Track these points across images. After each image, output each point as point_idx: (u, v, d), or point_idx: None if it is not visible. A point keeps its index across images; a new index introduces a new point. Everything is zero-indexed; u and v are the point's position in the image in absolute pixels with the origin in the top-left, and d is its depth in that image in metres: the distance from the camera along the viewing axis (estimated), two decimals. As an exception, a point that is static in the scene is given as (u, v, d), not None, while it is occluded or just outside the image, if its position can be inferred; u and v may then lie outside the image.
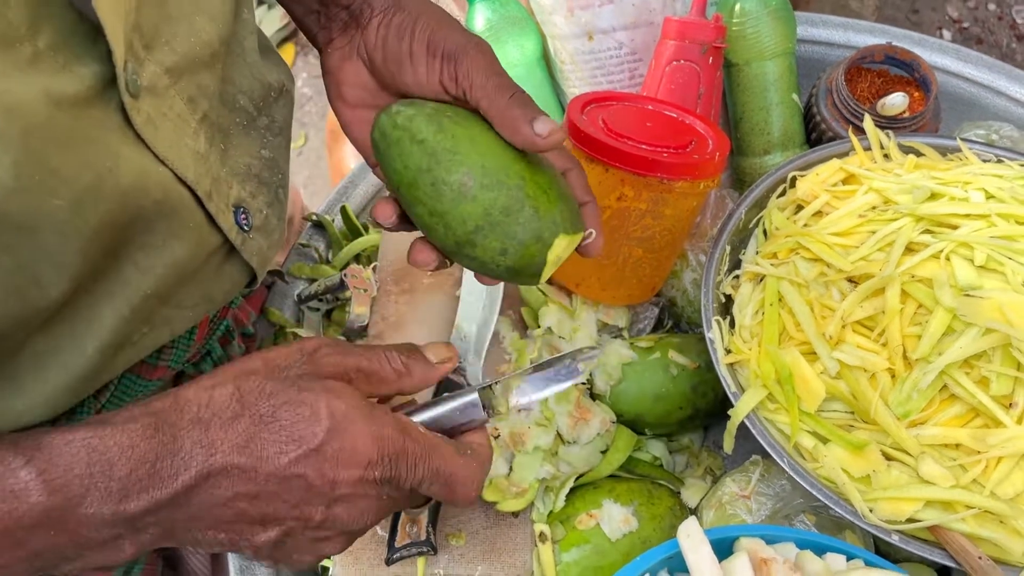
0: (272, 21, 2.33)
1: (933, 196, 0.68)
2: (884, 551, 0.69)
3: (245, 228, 0.59)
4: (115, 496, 0.40)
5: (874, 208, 0.70)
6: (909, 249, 0.65)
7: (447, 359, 0.54)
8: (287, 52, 2.45)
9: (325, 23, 0.58)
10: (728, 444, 0.67)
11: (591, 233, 0.54)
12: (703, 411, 0.77)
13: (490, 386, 0.54)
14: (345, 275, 0.81)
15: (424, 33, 0.53)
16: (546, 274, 0.52)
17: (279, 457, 0.43)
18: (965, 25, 2.35)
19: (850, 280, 0.67)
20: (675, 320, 0.84)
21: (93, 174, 0.43)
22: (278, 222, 0.64)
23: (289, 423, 0.43)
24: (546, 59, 0.92)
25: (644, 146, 0.69)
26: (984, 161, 0.75)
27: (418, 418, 0.52)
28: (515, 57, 0.88)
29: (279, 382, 0.45)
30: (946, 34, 2.34)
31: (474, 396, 0.53)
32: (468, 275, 0.80)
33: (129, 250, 0.49)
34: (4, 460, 0.40)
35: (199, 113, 0.53)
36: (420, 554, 0.67)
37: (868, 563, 0.57)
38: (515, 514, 0.71)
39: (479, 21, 0.89)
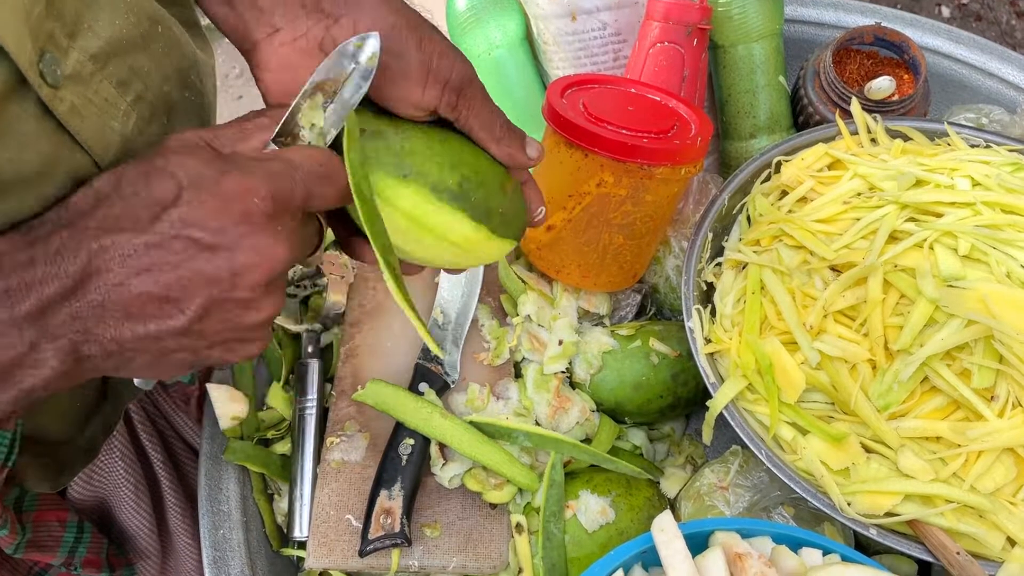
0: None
1: (919, 183, 0.67)
2: (863, 544, 0.68)
3: None
4: (3, 301, 0.40)
5: (859, 194, 0.69)
6: (893, 237, 0.64)
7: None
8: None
9: (268, 13, 0.52)
10: (707, 435, 0.66)
11: (541, 210, 0.58)
12: (684, 400, 0.76)
13: (287, 123, 0.48)
14: (322, 262, 0.80)
15: (427, 56, 0.51)
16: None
17: (147, 223, 0.41)
18: (964, 1, 2.32)
19: (833, 269, 0.66)
20: (657, 307, 0.83)
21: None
22: None
23: (146, 188, 0.42)
24: (529, 40, 0.90)
25: (624, 131, 0.68)
26: (972, 146, 0.74)
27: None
28: (497, 38, 0.87)
29: (127, 166, 0.44)
30: (945, 11, 2.31)
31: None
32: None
33: None
34: None
35: (131, 95, 0.52)
36: (394, 546, 0.66)
37: (845, 558, 0.57)
38: (492, 505, 0.70)
39: (461, 1, 0.87)
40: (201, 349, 0.45)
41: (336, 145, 0.48)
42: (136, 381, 0.59)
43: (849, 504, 0.59)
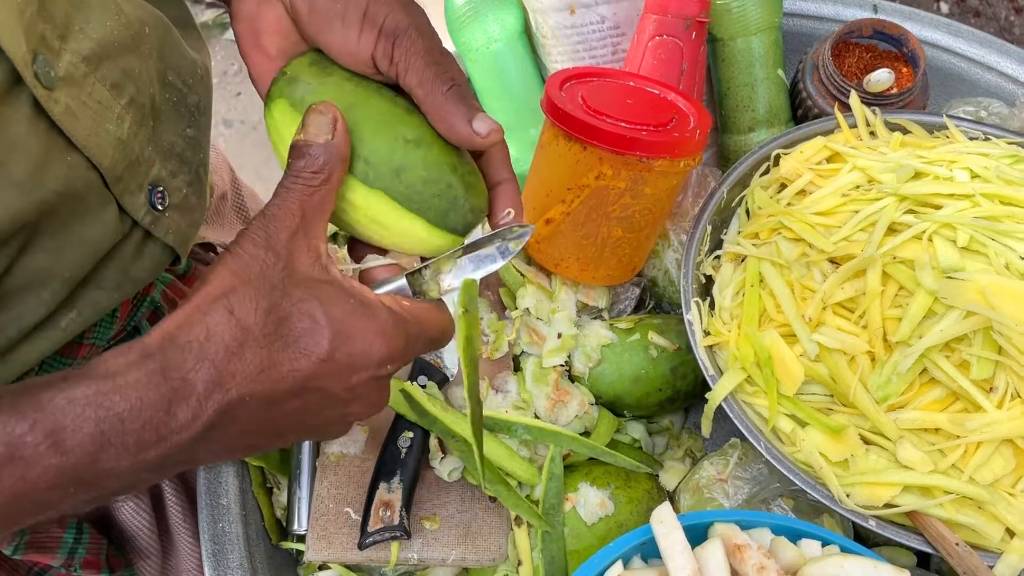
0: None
1: (917, 175, 0.67)
2: (862, 536, 0.68)
3: (159, 207, 0.58)
4: (131, 449, 0.39)
5: (858, 187, 0.69)
6: (892, 230, 0.64)
7: (333, 121, 0.48)
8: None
9: None
10: (706, 428, 0.66)
11: (509, 212, 0.54)
12: (683, 393, 0.76)
13: (419, 270, 0.51)
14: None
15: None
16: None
17: (293, 375, 0.42)
18: (963, -2, 2.32)
19: (832, 261, 0.66)
20: (656, 300, 0.83)
21: None
22: (198, 200, 0.64)
23: (294, 339, 0.42)
24: (528, 34, 0.90)
25: (623, 124, 0.68)
26: (971, 139, 0.74)
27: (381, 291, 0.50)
28: (496, 32, 0.87)
29: (268, 296, 0.43)
30: (944, 7, 2.31)
31: (403, 282, 0.50)
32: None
33: (36, 236, 0.49)
34: (5, 424, 0.38)
35: (125, 97, 0.52)
36: (393, 539, 0.66)
37: (844, 549, 0.57)
38: (491, 498, 0.70)
39: (459, -6, 0.87)
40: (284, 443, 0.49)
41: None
42: None
43: (848, 495, 0.59)
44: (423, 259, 0.52)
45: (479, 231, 0.52)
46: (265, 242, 0.44)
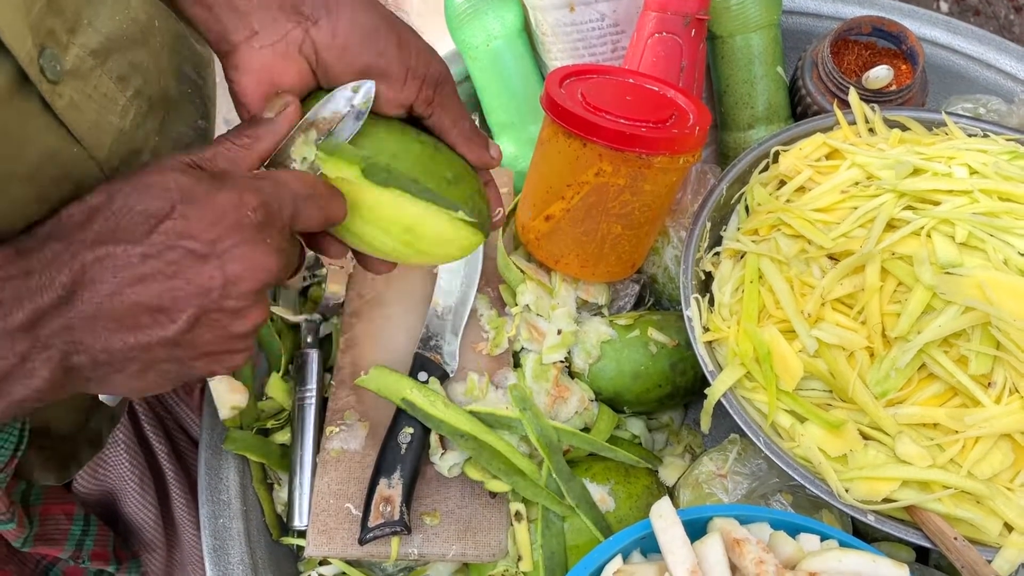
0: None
1: (916, 171, 0.67)
2: (861, 531, 0.68)
3: None
4: None
5: (857, 184, 0.69)
6: (890, 226, 0.64)
7: (284, 105, 0.50)
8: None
9: (246, 15, 0.52)
10: (705, 423, 0.67)
11: (499, 212, 0.60)
12: (683, 389, 0.77)
13: (273, 156, 0.51)
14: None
15: (407, 55, 0.52)
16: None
17: (143, 235, 0.42)
18: (963, -3, 2.32)
19: (831, 257, 0.66)
20: (656, 297, 0.84)
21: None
22: None
23: (141, 203, 0.43)
24: (527, 31, 0.90)
25: (623, 120, 0.68)
26: (970, 135, 0.74)
27: None
28: (496, 29, 0.87)
29: (121, 182, 0.44)
30: (943, 5, 2.31)
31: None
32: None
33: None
34: None
35: (131, 90, 0.53)
36: (394, 534, 0.67)
37: (842, 543, 0.57)
38: (492, 494, 0.71)
39: (459, -8, 0.87)
40: (187, 360, 0.45)
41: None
42: (102, 397, 0.60)
43: (847, 490, 0.60)
44: None
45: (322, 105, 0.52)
46: (169, 160, 0.46)
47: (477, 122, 0.89)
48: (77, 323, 0.42)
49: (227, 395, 0.74)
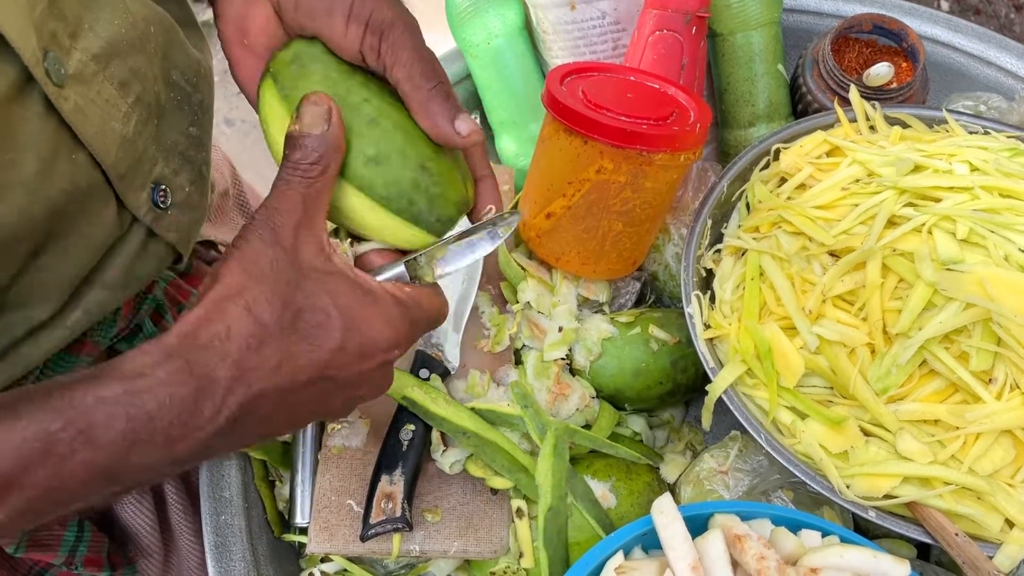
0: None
1: (917, 168, 0.67)
2: (863, 527, 0.69)
3: (162, 206, 0.59)
4: (160, 444, 0.41)
5: (858, 181, 0.69)
6: (891, 222, 0.64)
7: (327, 113, 0.48)
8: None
9: None
10: (706, 420, 0.67)
11: (490, 209, 0.57)
12: (684, 386, 0.77)
13: (415, 258, 0.53)
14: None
15: None
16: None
17: (309, 367, 0.44)
18: (963, -4, 2.32)
19: (832, 254, 0.66)
20: (657, 295, 0.84)
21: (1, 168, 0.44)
22: (200, 198, 0.65)
23: (309, 331, 0.44)
24: (528, 30, 0.90)
25: (624, 118, 0.68)
26: (971, 133, 0.74)
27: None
28: (497, 27, 0.87)
29: (281, 291, 0.44)
30: (944, 4, 2.31)
31: (401, 269, 0.52)
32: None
33: (44, 237, 0.50)
34: (40, 421, 0.39)
35: (131, 96, 0.53)
36: (395, 530, 0.67)
37: (843, 539, 0.57)
38: (493, 490, 0.71)
39: (460, -10, 0.87)
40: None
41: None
42: None
43: (848, 487, 0.60)
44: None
45: (464, 221, 0.55)
46: (271, 237, 0.45)
47: (478, 120, 0.89)
48: (223, 445, 0.44)
49: (229, 393, 0.74)
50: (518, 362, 0.76)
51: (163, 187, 0.59)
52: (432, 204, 0.52)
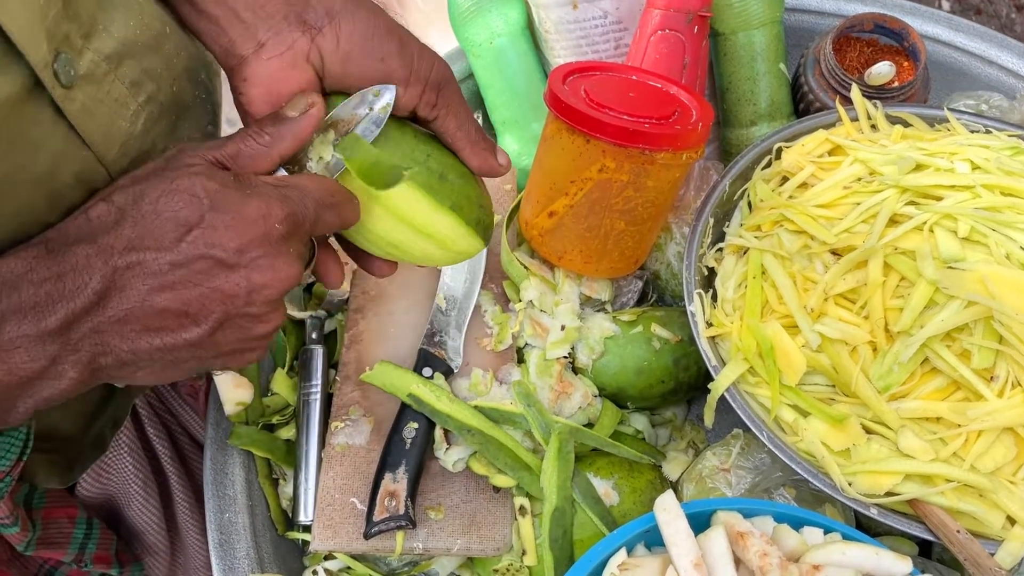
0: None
1: (918, 167, 0.67)
2: (864, 525, 0.69)
3: None
4: (30, 315, 0.42)
5: (859, 179, 0.69)
6: (893, 221, 0.65)
7: (309, 105, 0.51)
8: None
9: (252, 28, 0.53)
10: (708, 418, 0.67)
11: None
12: (686, 385, 0.77)
13: (294, 156, 0.52)
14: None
15: (406, 55, 0.53)
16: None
17: (172, 243, 0.44)
18: (964, -5, 2.32)
19: (834, 253, 0.66)
20: (659, 293, 0.84)
21: (9, 167, 0.44)
22: None
23: (170, 211, 0.44)
24: (531, 29, 0.90)
25: (626, 117, 0.68)
26: (972, 131, 0.74)
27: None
28: (499, 27, 0.87)
29: (144, 181, 0.45)
30: (945, 4, 2.31)
31: (281, 171, 0.51)
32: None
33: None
34: None
35: (143, 95, 0.53)
36: (399, 528, 0.67)
37: (845, 537, 0.57)
38: (496, 488, 0.71)
39: (462, -11, 0.87)
40: (208, 358, 0.47)
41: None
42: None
43: (850, 484, 0.60)
44: None
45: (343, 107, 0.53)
46: (173, 152, 0.47)
47: (480, 120, 0.89)
48: (106, 327, 0.43)
49: (232, 391, 0.74)
50: (521, 360, 0.77)
51: None
52: (487, 229, 0.59)
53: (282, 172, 0.50)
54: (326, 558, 0.74)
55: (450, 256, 0.58)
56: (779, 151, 0.76)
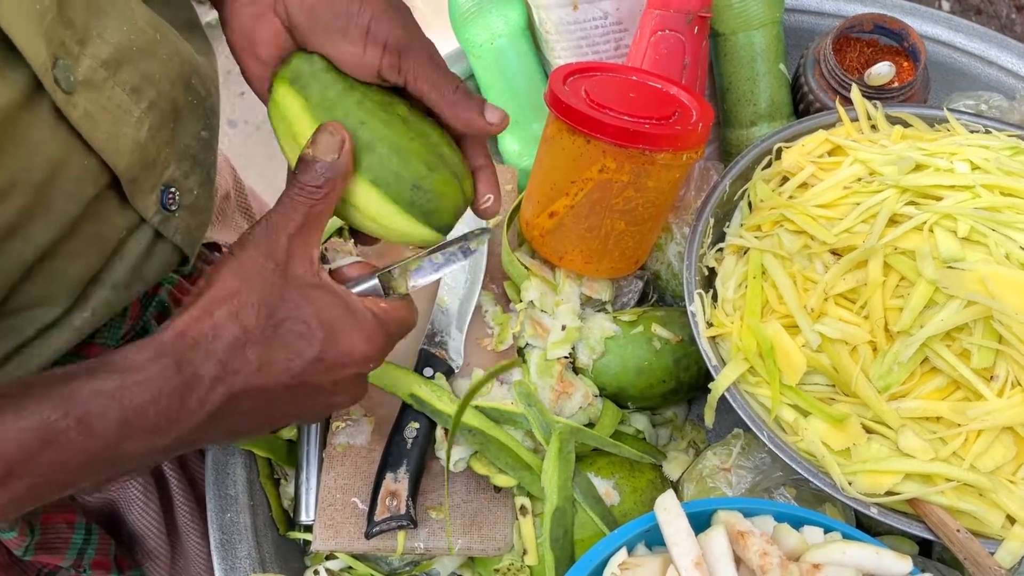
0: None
1: (918, 167, 0.67)
2: (865, 524, 0.69)
3: (171, 208, 0.60)
4: (149, 433, 0.44)
5: (859, 180, 0.70)
6: (893, 221, 0.65)
7: (340, 143, 0.52)
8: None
9: None
10: (708, 418, 0.67)
11: (489, 198, 0.60)
12: (686, 385, 0.77)
13: (389, 271, 0.56)
14: (326, 249, 0.80)
15: (364, 17, 0.53)
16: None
17: (287, 372, 0.47)
18: (964, -4, 2.32)
19: (834, 253, 0.67)
20: (660, 294, 0.84)
21: (10, 171, 0.45)
22: (207, 201, 0.66)
23: (291, 340, 0.47)
24: (531, 30, 0.90)
25: (626, 117, 0.68)
26: (972, 132, 0.74)
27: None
28: (499, 28, 0.87)
29: (268, 300, 0.48)
30: (945, 5, 2.32)
31: (375, 281, 0.55)
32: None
33: (54, 240, 0.51)
34: (40, 411, 0.42)
35: (145, 102, 0.54)
36: (400, 528, 0.67)
37: (845, 536, 0.57)
38: (497, 488, 0.71)
39: (463, -10, 0.88)
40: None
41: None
42: None
43: (850, 484, 0.60)
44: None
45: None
46: (267, 249, 0.49)
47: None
48: (204, 436, 0.48)
49: (234, 391, 0.74)
50: (521, 361, 0.77)
51: (172, 190, 0.60)
52: (429, 218, 0.56)
53: (373, 282, 0.55)
54: (327, 558, 0.74)
55: (384, 232, 0.58)
56: (779, 151, 0.76)
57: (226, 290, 0.47)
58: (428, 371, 0.73)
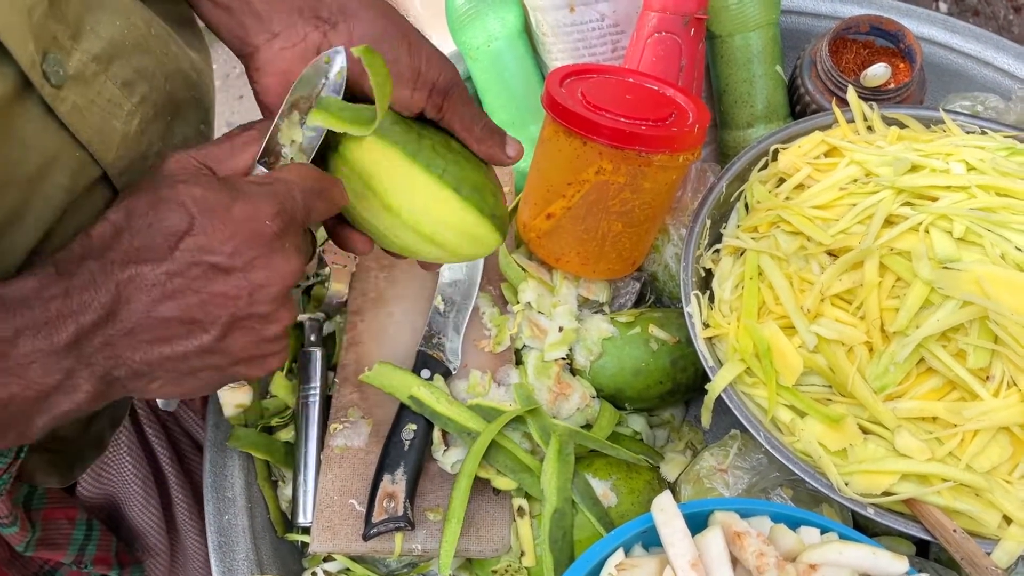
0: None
1: (914, 168, 0.68)
2: (861, 525, 0.69)
3: None
4: (43, 331, 0.43)
5: (855, 181, 0.70)
6: (889, 222, 0.65)
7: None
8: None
9: (266, 19, 0.54)
10: (705, 419, 0.67)
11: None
12: (684, 386, 0.77)
13: (265, 149, 0.51)
14: (324, 251, 0.80)
15: (417, 61, 0.54)
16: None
17: (166, 253, 0.44)
18: (962, -3, 2.32)
19: (830, 253, 0.67)
20: (657, 295, 0.84)
21: (1, 166, 0.45)
22: None
23: (160, 221, 0.44)
24: (528, 32, 0.90)
25: (623, 119, 0.68)
26: (967, 132, 0.74)
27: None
28: (496, 30, 0.87)
29: (134, 197, 0.46)
30: (942, 6, 2.32)
31: (260, 169, 0.51)
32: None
33: (45, 233, 0.50)
34: None
35: (137, 96, 0.54)
36: (398, 529, 0.67)
37: (842, 536, 0.57)
38: (495, 490, 0.71)
39: (460, -7, 0.88)
40: (227, 366, 0.48)
41: (317, 158, 0.52)
42: (159, 402, 0.61)
43: (847, 484, 0.60)
44: None
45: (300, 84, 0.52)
46: (157, 163, 0.48)
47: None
48: (116, 339, 0.44)
49: (231, 393, 0.74)
50: (519, 362, 0.77)
51: None
52: (499, 207, 0.58)
53: (261, 169, 0.51)
54: (325, 560, 0.74)
55: (473, 252, 0.58)
56: (776, 153, 0.76)
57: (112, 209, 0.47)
58: (426, 373, 0.73)
